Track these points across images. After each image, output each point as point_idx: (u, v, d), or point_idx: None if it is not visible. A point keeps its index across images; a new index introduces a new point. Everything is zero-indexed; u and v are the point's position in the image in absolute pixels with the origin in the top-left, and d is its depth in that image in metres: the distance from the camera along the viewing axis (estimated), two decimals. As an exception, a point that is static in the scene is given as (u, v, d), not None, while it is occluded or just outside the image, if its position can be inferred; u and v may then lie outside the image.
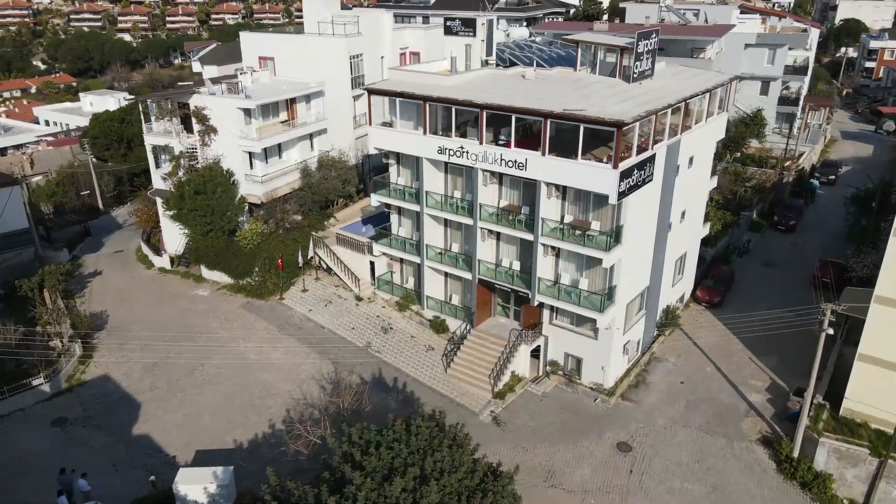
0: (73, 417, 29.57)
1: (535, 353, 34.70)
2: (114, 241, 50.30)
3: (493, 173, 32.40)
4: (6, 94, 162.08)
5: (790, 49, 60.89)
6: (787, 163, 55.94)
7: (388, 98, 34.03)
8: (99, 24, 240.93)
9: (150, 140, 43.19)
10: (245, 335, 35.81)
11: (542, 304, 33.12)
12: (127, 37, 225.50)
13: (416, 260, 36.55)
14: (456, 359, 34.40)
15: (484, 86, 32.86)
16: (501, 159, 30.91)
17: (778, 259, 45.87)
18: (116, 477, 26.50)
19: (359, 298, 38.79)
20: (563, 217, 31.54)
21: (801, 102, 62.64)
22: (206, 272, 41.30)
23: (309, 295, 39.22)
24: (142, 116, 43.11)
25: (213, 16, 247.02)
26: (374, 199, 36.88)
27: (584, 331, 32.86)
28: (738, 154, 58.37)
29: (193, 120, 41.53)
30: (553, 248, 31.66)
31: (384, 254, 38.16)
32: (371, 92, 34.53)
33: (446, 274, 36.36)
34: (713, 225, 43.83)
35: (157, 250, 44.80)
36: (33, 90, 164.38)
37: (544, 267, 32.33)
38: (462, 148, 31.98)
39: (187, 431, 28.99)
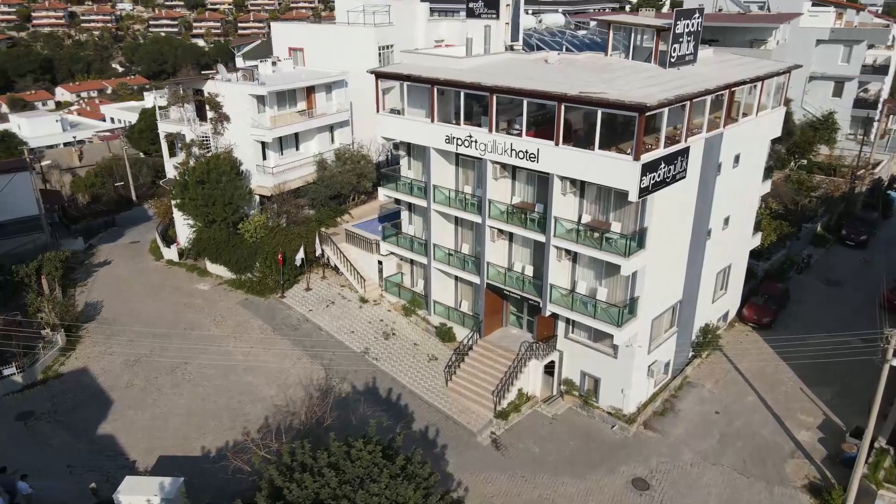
0: (39, 412, 27.88)
1: (550, 370, 30.99)
2: (136, 232, 49.44)
3: (504, 166, 29.03)
4: (84, 94, 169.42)
5: (869, 46, 54.73)
6: (861, 172, 49.97)
7: (398, 83, 31.18)
8: (175, 29, 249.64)
9: (163, 127, 41.86)
10: (237, 334, 33.55)
11: (556, 316, 29.42)
12: (201, 42, 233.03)
13: (424, 260, 33.46)
14: (459, 371, 31.05)
15: (498, 69, 29.53)
16: (511, 149, 27.53)
17: (843, 277, 40.39)
18: (71, 480, 24.44)
19: (363, 300, 35.98)
20: (580, 217, 27.87)
21: (880, 106, 56.23)
22: (210, 266, 39.47)
23: (312, 294, 36.69)
24: (156, 104, 41.77)
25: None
26: (382, 194, 34.10)
27: (603, 347, 28.94)
28: (805, 161, 52.68)
29: (207, 107, 39.91)
30: (568, 252, 27.98)
31: (392, 253, 35.25)
32: (378, 75, 31.76)
33: (457, 277, 33.13)
34: (767, 235, 38.92)
35: (170, 242, 43.40)
36: (109, 91, 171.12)
37: (558, 273, 28.67)
38: (470, 137, 28.77)
39: (154, 434, 26.76)
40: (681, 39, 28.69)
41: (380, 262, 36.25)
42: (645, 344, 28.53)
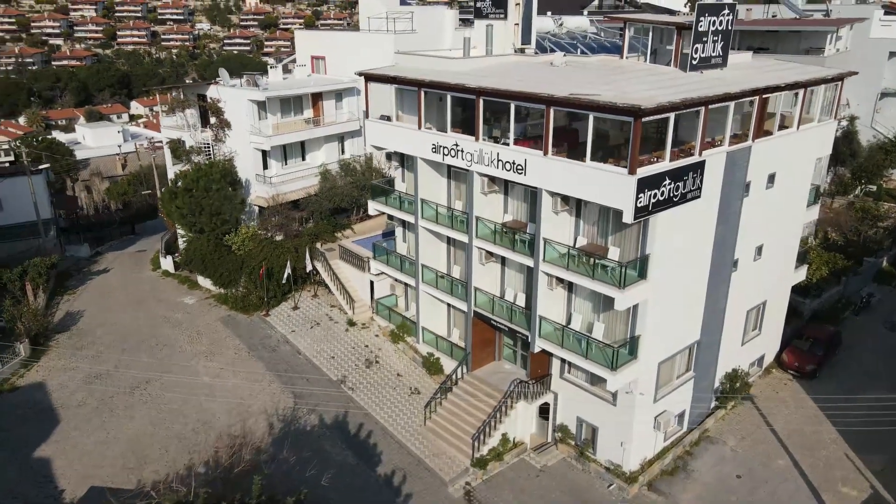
0: (-18, 428, 26.16)
1: (547, 412, 27.16)
2: (149, 241, 48.39)
3: (493, 179, 25.67)
4: (156, 108, 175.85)
5: (954, 61, 48.36)
6: (940, 201, 43.72)
7: (390, 86, 28.38)
8: (248, 48, 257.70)
9: (165, 133, 40.52)
10: (210, 353, 31.20)
11: (550, 352, 25.61)
12: (271, 60, 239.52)
13: (412, 282, 30.32)
14: (440, 409, 27.60)
15: (496, 72, 26.28)
16: (498, 160, 24.17)
17: (911, 322, 34.69)
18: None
19: (351, 323, 33.07)
20: (575, 239, 24.16)
21: (966, 128, 49.50)
22: (200, 279, 37.52)
23: (298, 314, 34.07)
24: (160, 110, 40.54)
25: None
26: (371, 208, 31.26)
27: (601, 392, 24.92)
28: (873, 187, 46.70)
29: (209, 113, 38.32)
30: (561, 280, 24.22)
31: (382, 273, 32.25)
32: (367, 78, 29.12)
33: (449, 303, 29.78)
34: (816, 269, 33.87)
35: (174, 252, 41.89)
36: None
37: (551, 304, 24.96)
38: (457, 145, 25.60)
39: (93, 461, 24.48)
40: (704, 39, 24.71)
41: (372, 283, 33.31)
42: (649, 391, 24.34)
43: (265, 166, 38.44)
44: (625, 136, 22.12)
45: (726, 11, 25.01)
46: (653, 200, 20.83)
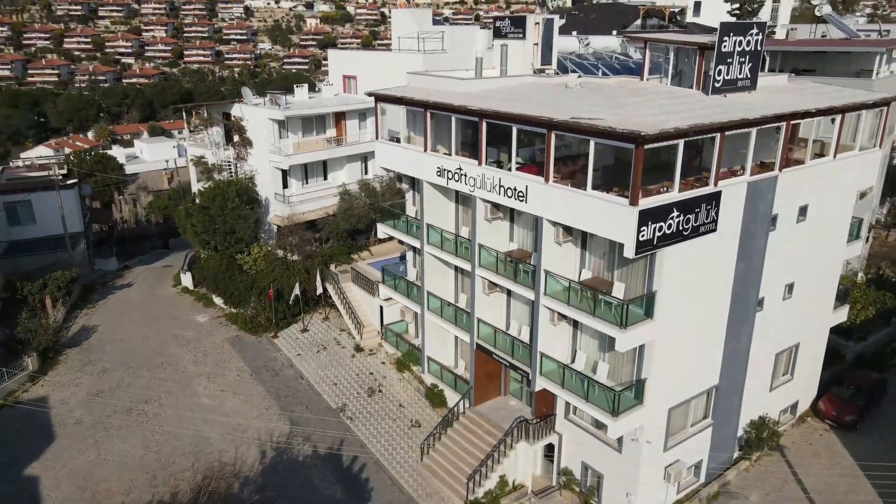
0: (-22, 442, 26.21)
1: (552, 454, 25.46)
2: (179, 256, 48.81)
3: (497, 206, 24.38)
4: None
5: None
6: None
7: (400, 108, 27.57)
8: (306, 66, 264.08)
9: (190, 150, 40.82)
10: (212, 373, 30.73)
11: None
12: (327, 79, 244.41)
13: (417, 309, 29.20)
14: (438, 445, 26.24)
15: (504, 93, 25.05)
16: (500, 186, 22.91)
17: (970, 371, 31.36)
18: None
19: (358, 348, 32.13)
20: (580, 272, 22.61)
21: None
22: (215, 296, 37.30)
23: (307, 337, 33.36)
24: (186, 126, 40.93)
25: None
26: (381, 231, 30.39)
27: (605, 436, 23.10)
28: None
29: (232, 132, 38.40)
30: (564, 315, 22.62)
31: (390, 298, 31.24)
32: (376, 98, 28.42)
33: (455, 334, 28.47)
34: (861, 310, 31.10)
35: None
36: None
37: (554, 340, 23.41)
38: (460, 169, 24.48)
39: (79, 482, 24.12)
40: (729, 60, 22.93)
41: (382, 307, 32.36)
42: (658, 439, 22.40)
43: (285, 185, 38.17)
44: (647, 163, 20.50)
45: (755, 31, 23.20)
46: (658, 234, 19.16)
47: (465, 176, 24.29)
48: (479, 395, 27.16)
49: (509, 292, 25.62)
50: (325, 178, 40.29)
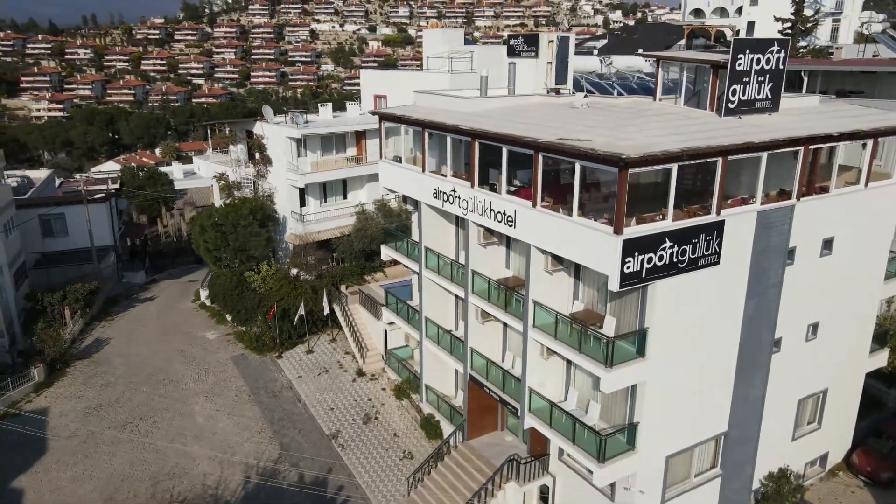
0: (-26, 450, 26.47)
1: (547, 496, 23.81)
2: (206, 272, 49.39)
3: (490, 230, 23.19)
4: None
5: None
6: None
7: (402, 127, 26.88)
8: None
9: (214, 167, 41.23)
10: (211, 392, 30.38)
11: (544, 429, 22.38)
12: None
13: (416, 335, 28.15)
14: (427, 479, 24.93)
15: (504, 113, 23.93)
16: (490, 210, 21.75)
17: None
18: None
19: (360, 373, 31.25)
20: (573, 304, 21.12)
21: None
22: (228, 314, 37.21)
23: (311, 358, 32.72)
24: (209, 143, 41.41)
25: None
26: (384, 253, 29.59)
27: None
28: None
29: (254, 149, 38.60)
30: (552, 349, 21.13)
31: (392, 322, 30.28)
32: (380, 117, 27.80)
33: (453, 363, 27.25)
34: (903, 354, 28.12)
35: (218, 285, 42.26)
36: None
37: (546, 375, 21.93)
38: (454, 191, 23.46)
39: (62, 498, 23.94)
40: (745, 79, 21.21)
41: (386, 332, 31.43)
42: (655, 489, 20.50)
43: (303, 203, 37.96)
44: (655, 189, 19.04)
45: (776, 48, 21.41)
46: (647, 266, 17.57)
47: (459, 198, 23.25)
48: (473, 429, 25.77)
49: (505, 322, 24.27)
50: (345, 197, 39.94)
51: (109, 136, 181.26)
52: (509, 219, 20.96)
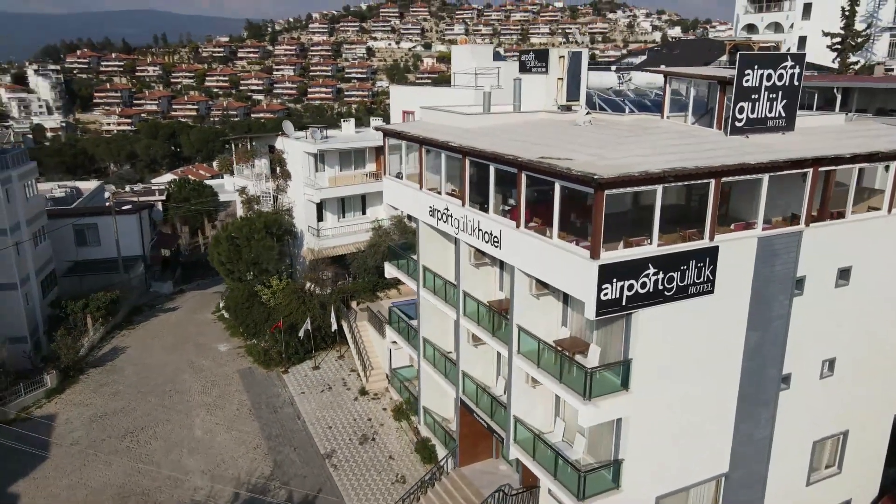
0: (-20, 453, 27.10)
1: (540, 532, 22.63)
2: (237, 283, 50.05)
3: (483, 252, 22.42)
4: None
5: None
6: None
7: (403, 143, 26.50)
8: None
9: (237, 182, 41.81)
10: (214, 405, 30.43)
11: (533, 460, 21.33)
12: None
13: (415, 355, 27.51)
14: (415, 506, 24.17)
15: (504, 130, 23.23)
16: (479, 229, 21.03)
17: None
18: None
19: (363, 392, 30.78)
20: (560, 330, 20.13)
21: None
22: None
23: (316, 374, 32.46)
24: (233, 158, 42.04)
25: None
26: (387, 270, 29.16)
27: (585, 521, 20.08)
28: None
29: (274, 164, 38.96)
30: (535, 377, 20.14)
31: (396, 341, 29.74)
32: (385, 133, 27.50)
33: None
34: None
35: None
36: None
37: (533, 403, 20.93)
38: (447, 210, 22.86)
39: (53, 505, 24.24)
40: (754, 96, 19.96)
41: (390, 350, 30.89)
42: (643, 532, 19.14)
43: (320, 218, 38.00)
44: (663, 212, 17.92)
45: (789, 63, 20.10)
46: (628, 293, 16.49)
47: (451, 217, 22.62)
48: (465, 456, 24.88)
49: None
50: (364, 213, 39.81)
51: (171, 149, 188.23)
52: (495, 240, 20.18)
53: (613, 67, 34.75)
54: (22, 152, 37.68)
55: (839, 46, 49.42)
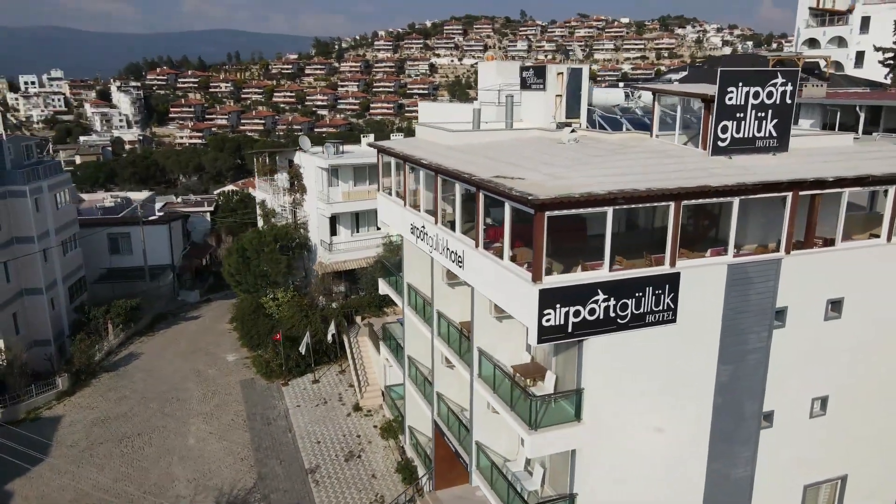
0: (-15, 451, 28.25)
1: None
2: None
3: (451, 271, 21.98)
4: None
5: None
6: None
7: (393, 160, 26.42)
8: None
9: (258, 195, 42.68)
10: (210, 415, 30.89)
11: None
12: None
13: (402, 373, 27.18)
14: (387, 528, 23.72)
15: (485, 148, 22.74)
16: (447, 248, 20.64)
17: None
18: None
19: (356, 408, 30.62)
20: (524, 354, 19.45)
21: None
22: (252, 337, 38.00)
23: (315, 388, 32.53)
24: (255, 172, 42.96)
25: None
26: (381, 287, 29.00)
27: (545, 557, 19.20)
28: None
29: (291, 178, 39.64)
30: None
31: (388, 358, 29.49)
32: (377, 150, 27.49)
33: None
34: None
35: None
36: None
37: (498, 429, 20.22)
38: (423, 227, 22.57)
39: (41, 505, 25.04)
40: (739, 115, 18.90)
41: (385, 367, 30.66)
42: (603, 573, 18.08)
43: (333, 232, 38.31)
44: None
45: (780, 80, 18.96)
46: (574, 320, 15.73)
47: (427, 234, 22.29)
48: (442, 480, 24.26)
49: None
50: (378, 228, 39.81)
51: (235, 162, 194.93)
52: (460, 259, 19.72)
53: (621, 84, 33.61)
54: (55, 164, 39.74)
55: (892, 62, 46.50)
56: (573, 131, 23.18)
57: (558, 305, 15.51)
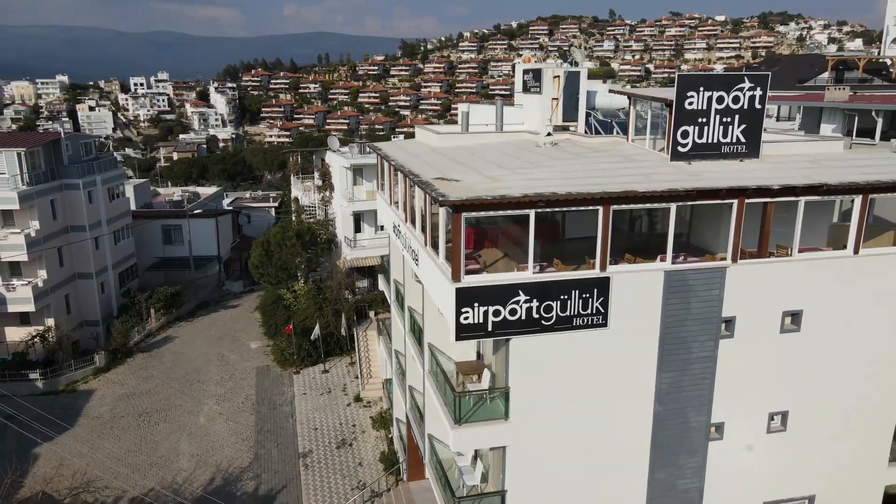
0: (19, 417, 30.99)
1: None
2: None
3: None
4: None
5: None
6: None
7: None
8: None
9: (293, 192, 44.64)
10: (223, 397, 32.89)
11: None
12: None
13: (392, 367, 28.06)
14: (359, 514, 24.68)
15: (463, 150, 23.32)
16: (409, 246, 21.36)
17: None
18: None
19: (357, 398, 31.77)
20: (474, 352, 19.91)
21: None
22: (277, 327, 39.96)
23: (324, 378, 33.96)
24: (292, 171, 44.95)
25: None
26: (381, 283, 30.04)
27: (488, 552, 19.55)
28: None
29: (321, 177, 41.36)
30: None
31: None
32: (373, 150, 28.49)
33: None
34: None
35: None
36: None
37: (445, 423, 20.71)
38: (398, 226, 23.39)
39: (59, 471, 27.38)
40: (701, 120, 18.66)
41: (386, 360, 31.64)
42: (534, 572, 18.27)
43: (357, 229, 39.67)
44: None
45: (748, 85, 18.61)
46: (494, 319, 16.09)
47: (401, 233, 23.07)
48: (413, 471, 24.98)
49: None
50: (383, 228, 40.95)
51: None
52: (416, 257, 20.38)
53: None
54: (111, 160, 43.26)
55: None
56: (549, 134, 23.37)
57: (476, 304, 15.90)
